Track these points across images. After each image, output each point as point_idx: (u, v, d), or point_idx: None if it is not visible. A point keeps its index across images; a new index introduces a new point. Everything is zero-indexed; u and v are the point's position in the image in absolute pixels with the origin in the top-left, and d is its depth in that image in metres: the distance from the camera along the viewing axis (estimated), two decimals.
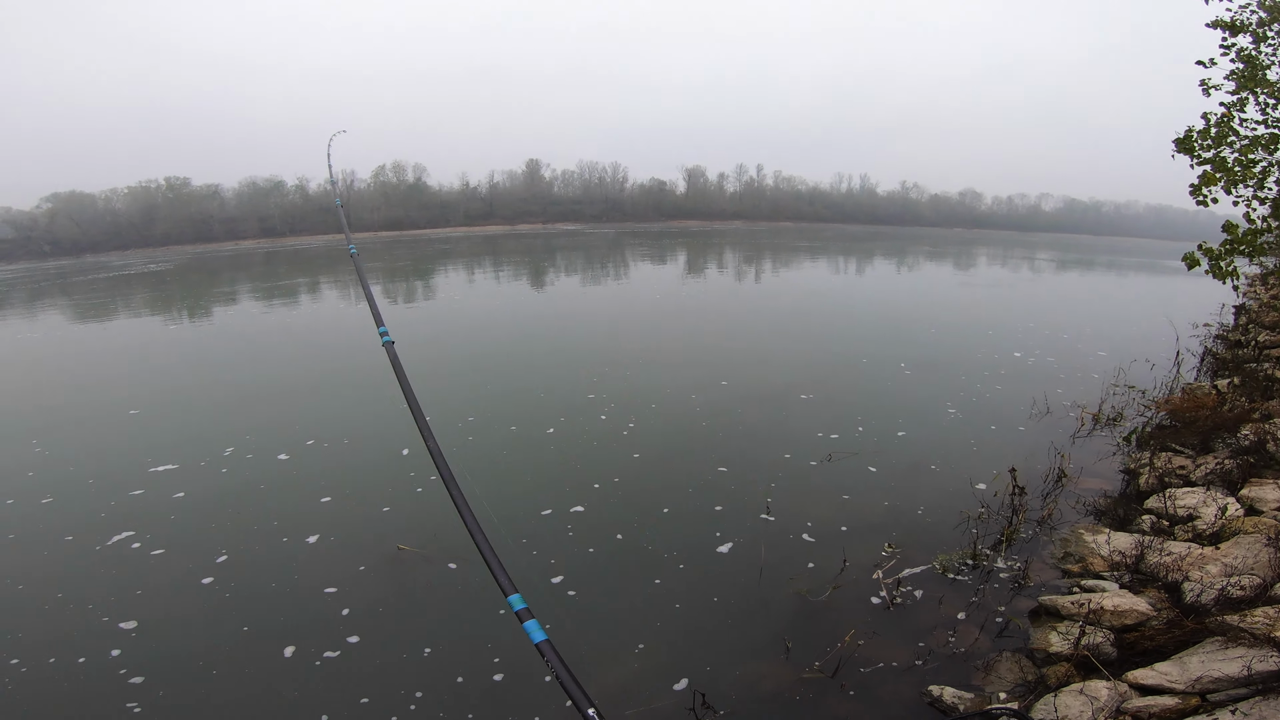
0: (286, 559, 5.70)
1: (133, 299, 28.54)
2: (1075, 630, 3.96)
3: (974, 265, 39.74)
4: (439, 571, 5.46)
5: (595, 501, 6.60)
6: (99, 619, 4.91)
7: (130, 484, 7.24)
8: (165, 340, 17.66)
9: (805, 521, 6.13)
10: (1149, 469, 6.56)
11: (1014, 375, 11.33)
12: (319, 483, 7.19)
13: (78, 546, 6.00)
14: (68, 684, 4.29)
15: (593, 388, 10.45)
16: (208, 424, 9.42)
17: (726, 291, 25.50)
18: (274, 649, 4.54)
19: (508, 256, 43.29)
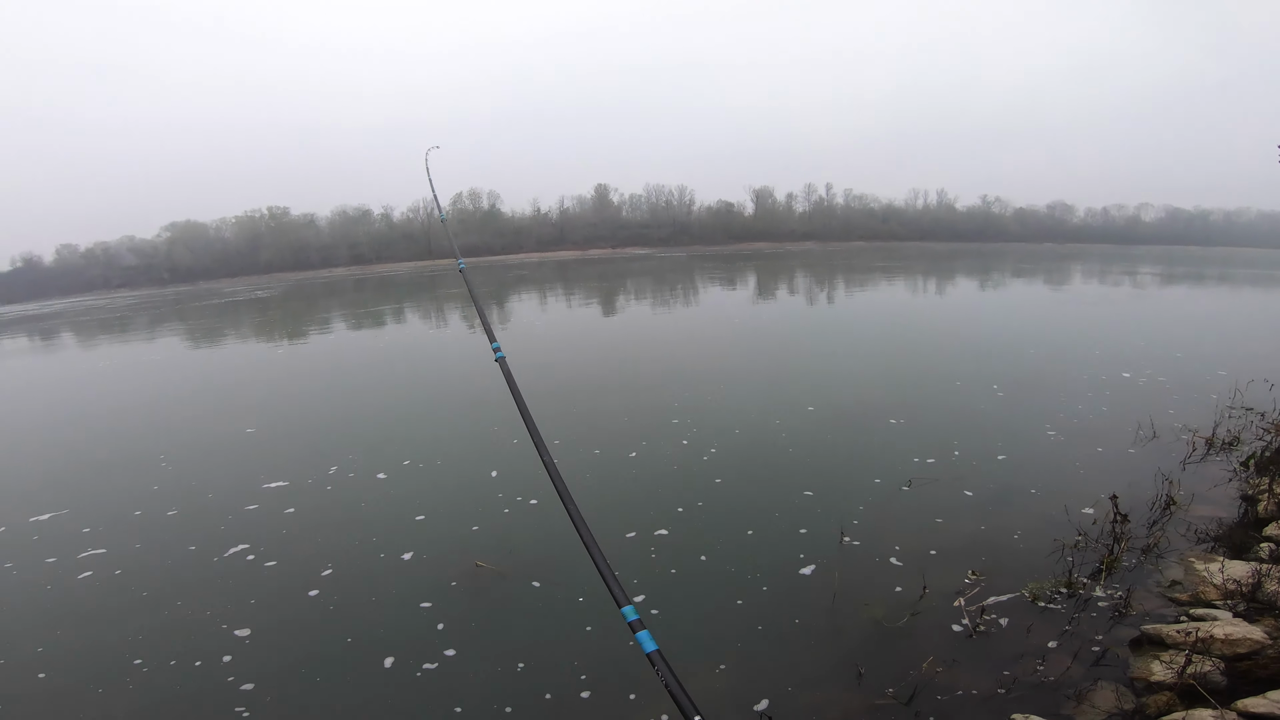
0: (385, 573, 5.99)
1: (242, 323, 30.98)
2: (1180, 659, 3.67)
3: (1069, 281, 37.31)
4: (524, 588, 5.61)
5: (678, 524, 6.62)
6: (217, 626, 5.26)
7: (246, 499, 7.80)
8: (274, 362, 19.13)
9: (886, 547, 5.92)
10: (1269, 495, 6.01)
11: (1121, 397, 10.55)
12: (414, 502, 7.54)
13: (198, 557, 6.48)
14: (184, 686, 4.59)
15: (675, 412, 10.49)
16: (314, 444, 10.06)
17: (806, 313, 25.03)
18: (375, 659, 4.74)
19: (582, 281, 44.31)
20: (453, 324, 25.41)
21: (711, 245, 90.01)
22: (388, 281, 55.55)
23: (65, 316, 45.57)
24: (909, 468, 7.75)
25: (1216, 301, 29.08)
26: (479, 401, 11.80)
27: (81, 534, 7.08)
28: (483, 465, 8.49)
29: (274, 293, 50.36)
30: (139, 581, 6.06)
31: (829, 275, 42.72)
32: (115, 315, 41.57)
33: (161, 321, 33.87)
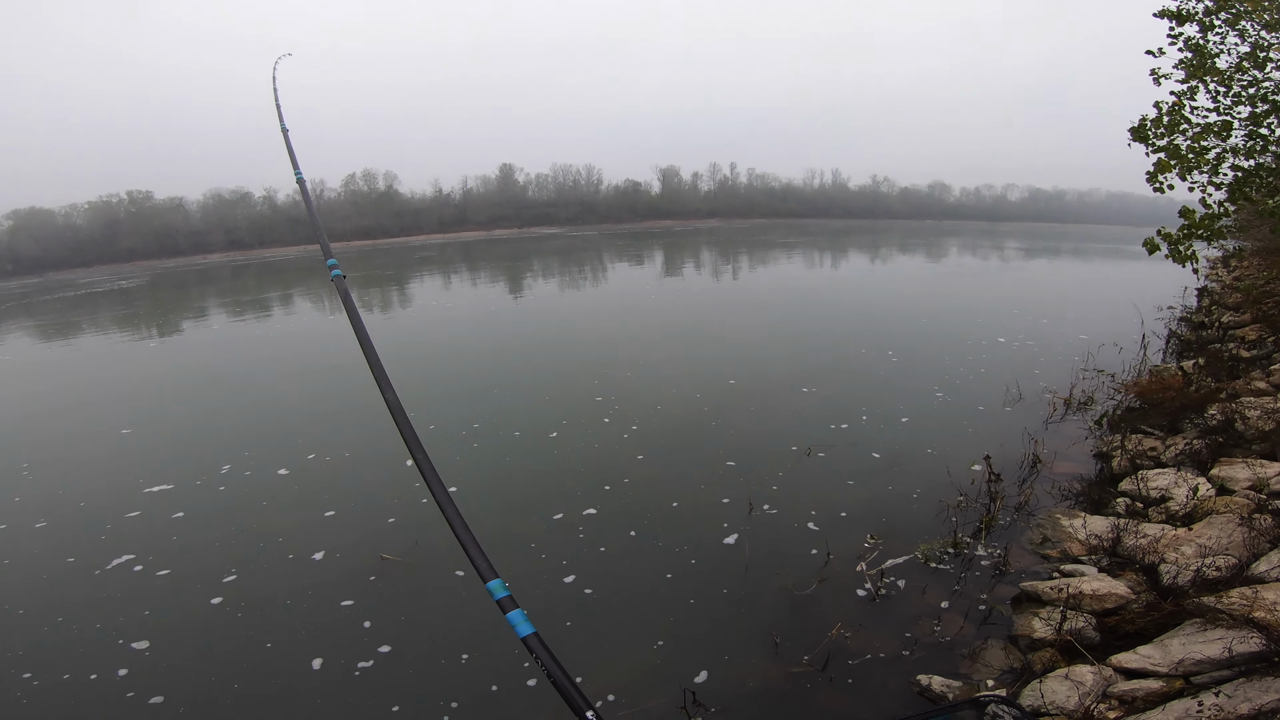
0: (296, 575, 5.61)
1: (104, 317, 27.77)
2: (1057, 615, 4.01)
3: (948, 255, 40.49)
4: (449, 578, 5.42)
5: (606, 502, 6.65)
6: (109, 640, 4.82)
7: (125, 506, 7.07)
8: (146, 358, 17.26)
9: (798, 513, 6.18)
10: (1120, 452, 6.70)
11: (997, 359, 11.60)
12: (322, 497, 7.08)
13: (76, 571, 5.84)
14: (82, 699, 4.24)
15: (596, 390, 10.46)
16: (202, 443, 9.21)
17: (719, 289, 25.70)
18: (301, 662, 4.50)
19: (490, 262, 43.07)
20: (374, 308, 23.98)
21: (619, 224, 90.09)
22: (271, 267, 51.39)
23: None
24: (822, 434, 8.14)
25: (1074, 272, 32.56)
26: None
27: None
28: (397, 454, 7.98)
29: (140, 282, 45.25)
30: (9, 599, 5.41)
31: (740, 251, 44.01)
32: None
33: (7, 318, 29.56)
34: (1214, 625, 3.49)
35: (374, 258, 52.18)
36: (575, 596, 5.13)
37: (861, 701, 3.88)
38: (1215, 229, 6.38)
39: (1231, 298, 14.48)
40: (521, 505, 6.71)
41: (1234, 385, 7.77)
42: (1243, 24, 6.01)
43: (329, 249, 2.93)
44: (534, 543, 5.92)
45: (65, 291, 41.83)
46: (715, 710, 3.84)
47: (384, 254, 57.31)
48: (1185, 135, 6.28)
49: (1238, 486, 5.29)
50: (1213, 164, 6.26)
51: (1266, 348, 9.37)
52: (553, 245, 56.15)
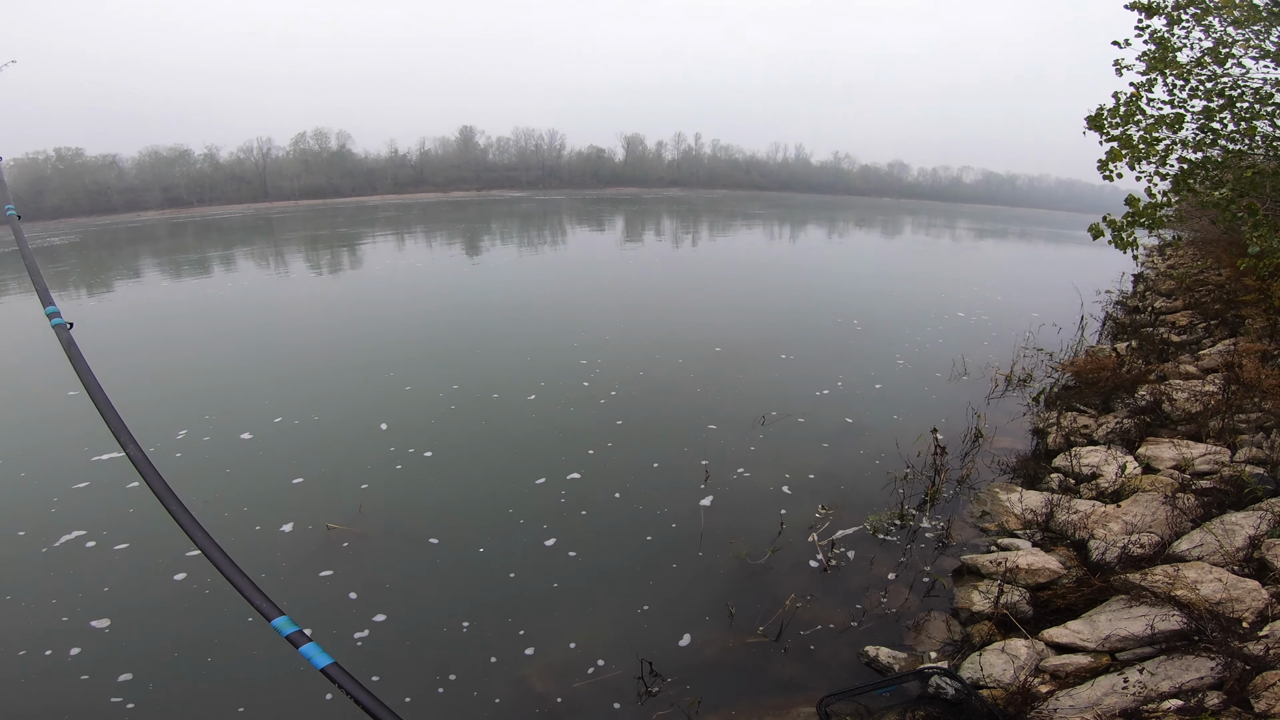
0: (265, 547, 5.41)
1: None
2: (994, 589, 4.22)
3: (907, 232, 41.48)
4: (428, 546, 5.38)
5: (590, 466, 6.71)
6: (67, 618, 4.57)
7: (73, 475, 6.62)
8: (83, 318, 16.08)
9: (744, 484, 6.34)
10: (1056, 428, 7.03)
11: (953, 332, 12.15)
12: (289, 463, 6.80)
13: (23, 547, 5.47)
14: (41, 679, 4.08)
15: (576, 353, 10.46)
16: (154, 406, 8.65)
17: (692, 258, 25.83)
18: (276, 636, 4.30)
19: (460, 224, 41.79)
20: (319, 267, 23.21)
21: (580, 189, 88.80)
22: (213, 225, 48.84)
23: None
24: (795, 401, 8.35)
25: (1023, 253, 33.81)
26: (369, 348, 11.01)
27: None
28: (371, 417, 7.86)
29: (70, 239, 42.21)
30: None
31: (712, 220, 44.13)
32: None
33: None
34: (1138, 602, 3.72)
35: (328, 217, 50.19)
36: (559, 559, 5.17)
37: (813, 671, 4.03)
38: (1157, 218, 6.66)
39: (1165, 284, 15.23)
40: (500, 470, 6.66)
41: (1164, 368, 8.20)
42: (1209, 19, 6.21)
43: (47, 294, 2.38)
44: (513, 508, 5.89)
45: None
46: (671, 680, 3.93)
47: (338, 213, 55.17)
48: (1139, 126, 6.51)
49: (1163, 466, 5.62)
50: (1161, 155, 6.53)
51: (1196, 333, 9.91)
52: (522, 209, 55.10)
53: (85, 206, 68.98)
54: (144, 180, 74.24)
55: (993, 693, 3.40)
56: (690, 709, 3.74)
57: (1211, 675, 3.10)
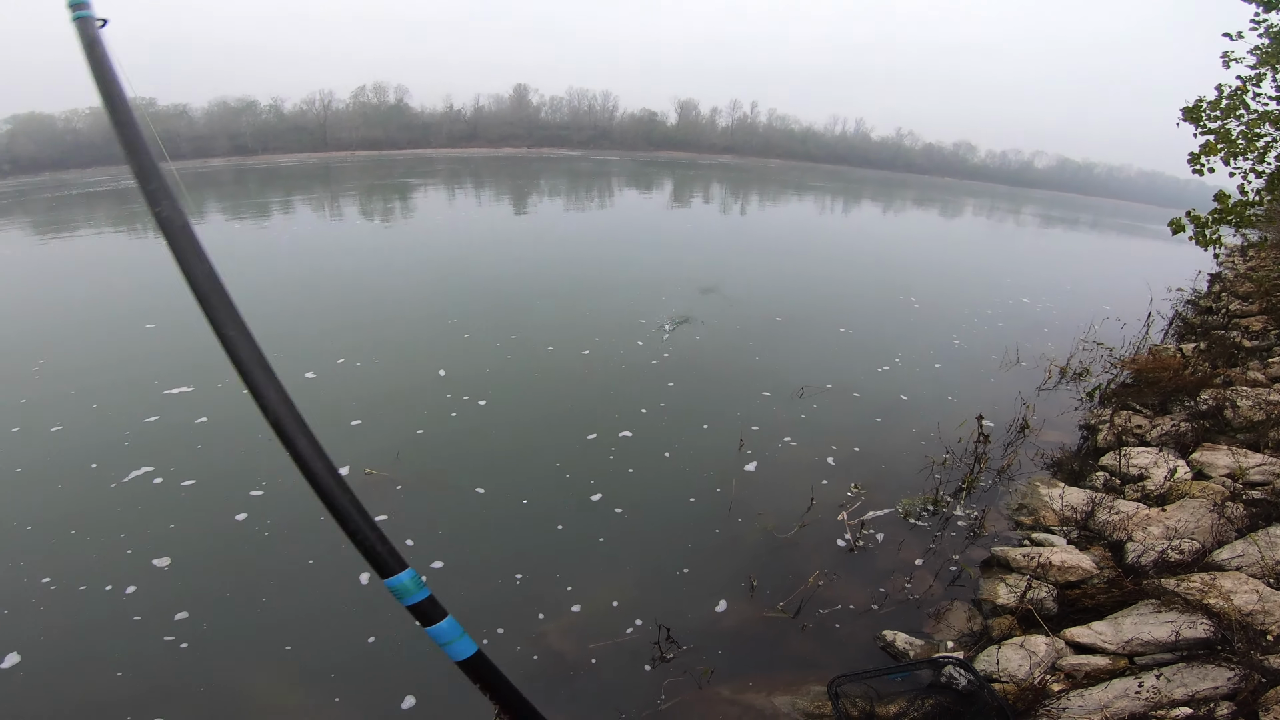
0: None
1: (116, 214, 27.06)
2: (1022, 584, 4.17)
3: (962, 213, 39.79)
4: (476, 496, 5.52)
5: (642, 425, 6.77)
6: (126, 553, 4.72)
7: (144, 409, 6.79)
8: (159, 256, 16.81)
9: (788, 454, 6.34)
10: (1108, 426, 6.79)
11: (1014, 317, 11.79)
12: (349, 405, 6.92)
13: (94, 480, 5.61)
14: (101, 614, 4.21)
15: (636, 311, 10.54)
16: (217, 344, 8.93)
17: (753, 224, 25.59)
18: (347, 576, 4.48)
19: (521, 179, 42.05)
20: (388, 215, 23.73)
21: (632, 151, 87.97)
22: (277, 173, 50.17)
23: None
24: (852, 374, 8.29)
25: (1100, 244, 32.15)
26: (432, 295, 11.23)
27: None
28: (430, 363, 8.03)
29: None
30: (25, 508, 5.25)
31: (764, 190, 43.32)
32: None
33: (13, 212, 28.79)
34: (1168, 608, 3.63)
35: (386, 166, 50.95)
36: (605, 515, 5.31)
37: (827, 651, 4.05)
38: (1246, 216, 6.31)
39: (1243, 287, 14.31)
40: (551, 423, 6.78)
41: (1230, 373, 7.79)
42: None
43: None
44: (560, 461, 6.01)
45: (67, 190, 40.67)
46: (686, 648, 4.01)
47: (396, 164, 56.01)
48: (1240, 120, 6.17)
49: (1216, 473, 5.39)
50: (1260, 151, 6.17)
51: (1269, 339, 9.34)
52: (578, 167, 54.86)
53: (155, 153, 72.32)
54: (212, 129, 77.35)
55: (1005, 687, 3.39)
56: (702, 678, 3.80)
57: (1227, 685, 3.03)
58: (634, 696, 3.73)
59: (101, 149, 70.41)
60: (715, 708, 3.66)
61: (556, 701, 3.69)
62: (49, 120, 74.20)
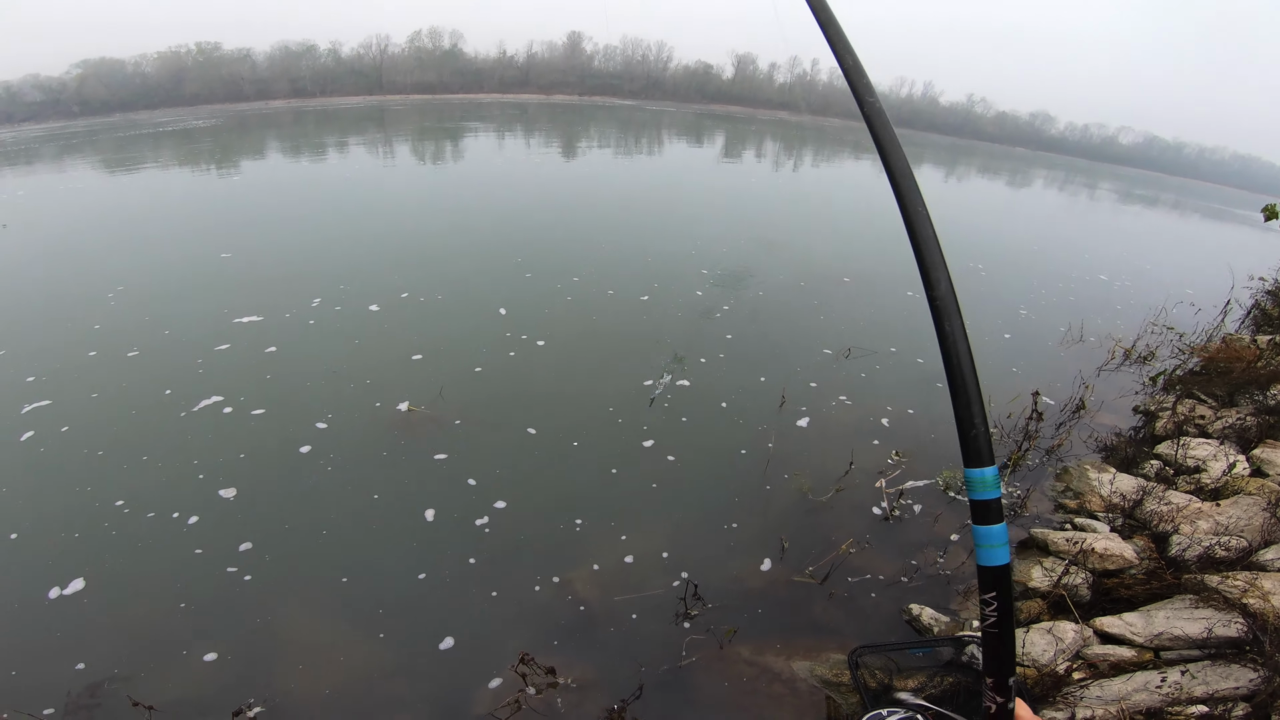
0: (386, 424, 5.60)
1: (184, 152, 27.75)
2: (1059, 568, 4.11)
3: (1031, 184, 37.72)
4: (530, 437, 5.63)
5: (699, 374, 6.78)
6: (198, 478, 4.93)
7: (215, 337, 7.02)
8: (232, 191, 17.21)
9: (842, 412, 6.29)
10: (1169, 414, 6.51)
11: (1088, 294, 11.29)
12: (411, 339, 7.06)
13: (168, 409, 5.78)
14: (166, 542, 4.38)
15: (697, 261, 10.45)
16: (293, 273, 9.11)
17: (805, 180, 24.92)
18: (412, 514, 4.65)
19: (562, 124, 41.71)
20: (451, 157, 23.95)
21: (684, 103, 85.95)
22: (335, 114, 50.73)
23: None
24: (917, 339, 8.03)
25: (1183, 226, 30.09)
26: (493, 238, 11.32)
27: (24, 384, 6.22)
28: (491, 301, 8.14)
29: (215, 123, 44.56)
30: (94, 437, 5.44)
31: (823, 148, 41.62)
32: (21, 147, 35.67)
33: (84, 150, 29.71)
34: (1204, 604, 3.55)
35: (443, 110, 50.95)
36: (658, 461, 5.40)
37: (850, 620, 4.08)
38: None
39: None
40: (607, 367, 6.85)
41: None
42: None
43: None
44: (613, 405, 6.09)
45: (137, 130, 41.73)
46: (712, 606, 4.08)
47: (454, 107, 55.91)
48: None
49: (1275, 470, 5.15)
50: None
51: None
52: (635, 117, 54.11)
53: (220, 95, 74.74)
54: (273, 72, 79.47)
55: (1025, 671, 3.37)
56: (724, 637, 3.86)
57: (1249, 686, 2.98)
58: (657, 650, 3.81)
59: (170, 90, 72.84)
60: (734, 667, 3.72)
61: (580, 648, 3.82)
62: (119, 64, 76.84)
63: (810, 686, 3.59)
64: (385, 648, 3.79)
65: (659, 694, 3.57)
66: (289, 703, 3.43)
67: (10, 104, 69.44)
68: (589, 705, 3.46)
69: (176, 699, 3.38)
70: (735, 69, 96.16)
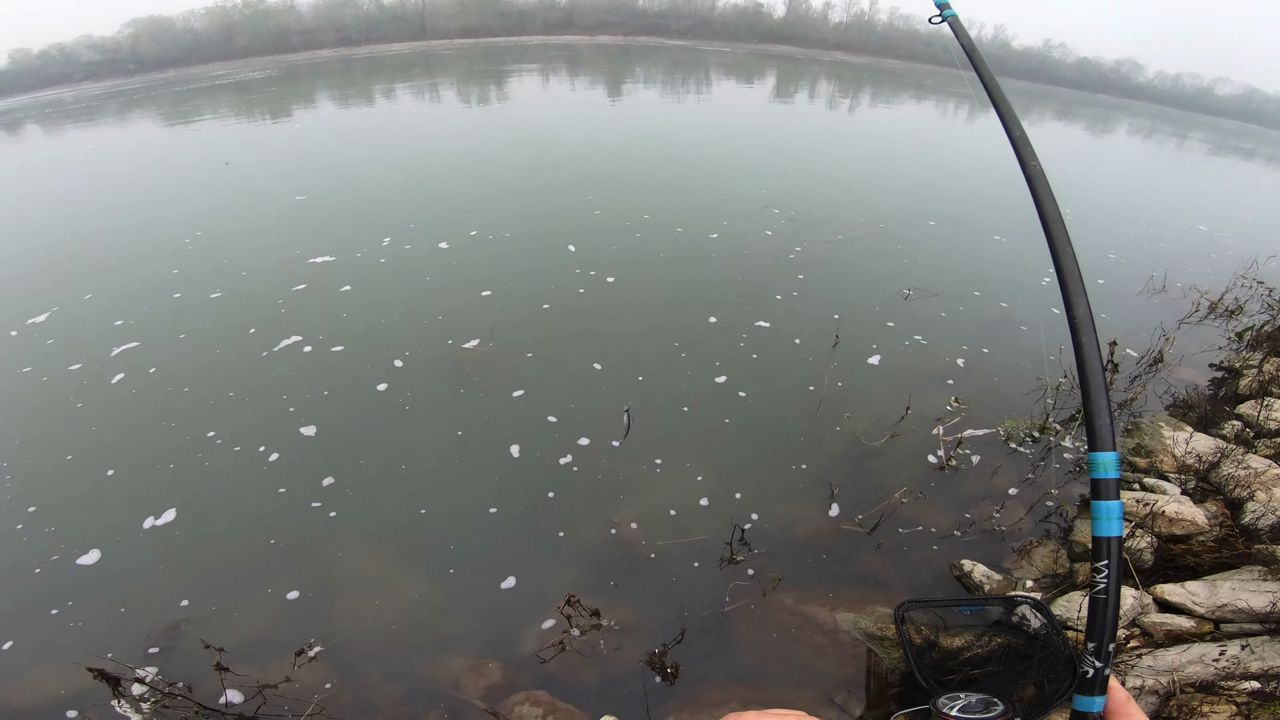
0: (458, 360, 5.66)
1: (243, 102, 28.03)
2: (1124, 529, 3.84)
3: (1114, 131, 35.04)
4: (587, 371, 5.63)
5: (777, 312, 6.68)
6: (288, 411, 5.07)
7: (292, 278, 7.18)
8: (300, 134, 17.53)
9: (916, 353, 6.09)
10: (1254, 372, 6.04)
11: (1178, 244, 10.48)
12: (481, 276, 7.11)
13: (252, 347, 5.97)
14: (250, 476, 4.55)
15: (765, 199, 10.21)
16: (361, 214, 9.25)
17: (872, 120, 23.84)
18: (498, 451, 4.70)
19: (616, 65, 40.77)
20: (508, 98, 23.70)
21: (734, 43, 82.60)
22: (383, 62, 50.47)
23: (35, 109, 38.47)
24: (1002, 284, 7.72)
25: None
26: (559, 176, 11.21)
27: (113, 327, 6.46)
28: (559, 239, 8.14)
29: (269, 74, 44.73)
30: (183, 375, 5.64)
31: (884, 89, 39.38)
32: (84, 105, 36.16)
33: (144, 105, 30.20)
34: (1273, 577, 3.31)
35: (490, 54, 50.09)
36: (728, 397, 5.34)
37: (899, 573, 3.95)
38: None
39: None
40: (675, 304, 6.76)
41: None
42: None
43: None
44: (678, 341, 6.05)
45: (193, 84, 42.00)
46: (758, 552, 4.02)
47: (499, 51, 55.07)
48: None
49: None
50: None
51: None
52: (687, 57, 52.57)
53: (269, 47, 76.24)
54: (319, 22, 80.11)
55: (1078, 636, 3.19)
56: (768, 585, 3.80)
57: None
58: (702, 595, 3.78)
59: (220, 45, 74.43)
60: (777, 616, 3.66)
61: (625, 590, 3.83)
62: (168, 22, 78.90)
63: (853, 639, 3.51)
64: (449, 585, 3.86)
65: (700, 639, 3.55)
66: (348, 641, 3.53)
67: (67, 65, 72.18)
68: (630, 648, 3.46)
69: (249, 639, 3.52)
70: (787, 7, 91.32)
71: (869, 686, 3.30)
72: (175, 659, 3.42)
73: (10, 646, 3.51)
